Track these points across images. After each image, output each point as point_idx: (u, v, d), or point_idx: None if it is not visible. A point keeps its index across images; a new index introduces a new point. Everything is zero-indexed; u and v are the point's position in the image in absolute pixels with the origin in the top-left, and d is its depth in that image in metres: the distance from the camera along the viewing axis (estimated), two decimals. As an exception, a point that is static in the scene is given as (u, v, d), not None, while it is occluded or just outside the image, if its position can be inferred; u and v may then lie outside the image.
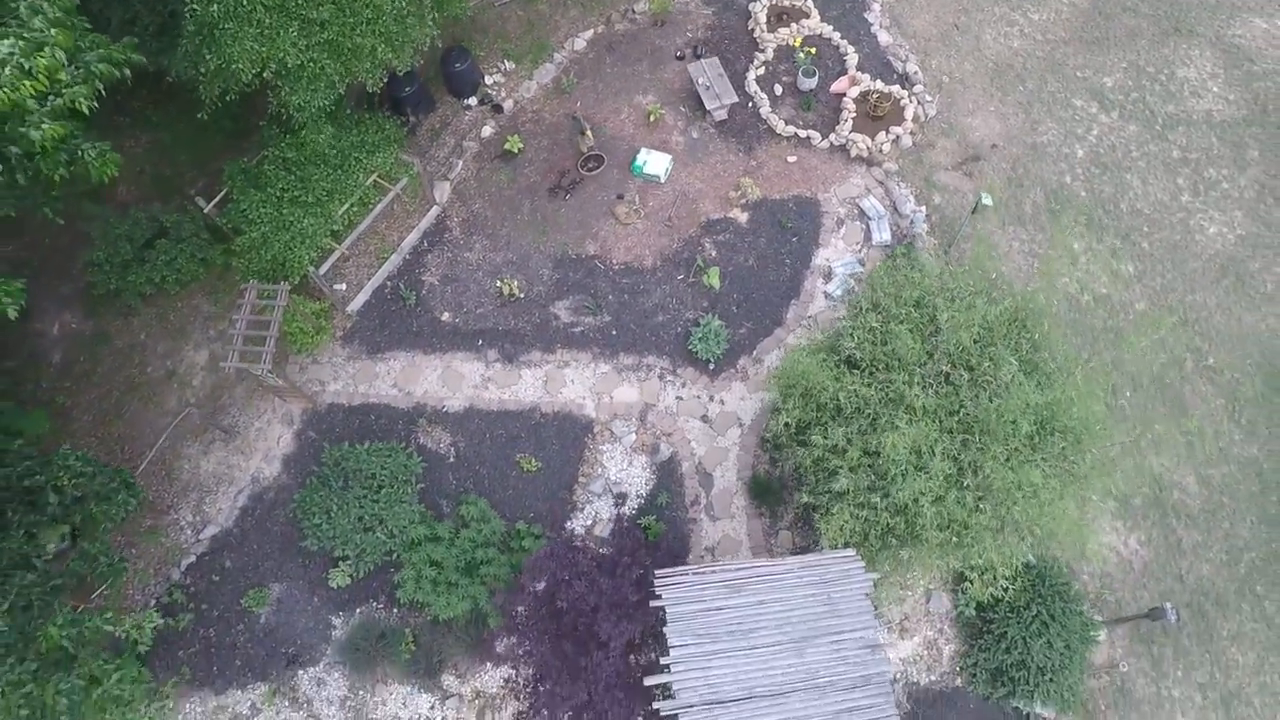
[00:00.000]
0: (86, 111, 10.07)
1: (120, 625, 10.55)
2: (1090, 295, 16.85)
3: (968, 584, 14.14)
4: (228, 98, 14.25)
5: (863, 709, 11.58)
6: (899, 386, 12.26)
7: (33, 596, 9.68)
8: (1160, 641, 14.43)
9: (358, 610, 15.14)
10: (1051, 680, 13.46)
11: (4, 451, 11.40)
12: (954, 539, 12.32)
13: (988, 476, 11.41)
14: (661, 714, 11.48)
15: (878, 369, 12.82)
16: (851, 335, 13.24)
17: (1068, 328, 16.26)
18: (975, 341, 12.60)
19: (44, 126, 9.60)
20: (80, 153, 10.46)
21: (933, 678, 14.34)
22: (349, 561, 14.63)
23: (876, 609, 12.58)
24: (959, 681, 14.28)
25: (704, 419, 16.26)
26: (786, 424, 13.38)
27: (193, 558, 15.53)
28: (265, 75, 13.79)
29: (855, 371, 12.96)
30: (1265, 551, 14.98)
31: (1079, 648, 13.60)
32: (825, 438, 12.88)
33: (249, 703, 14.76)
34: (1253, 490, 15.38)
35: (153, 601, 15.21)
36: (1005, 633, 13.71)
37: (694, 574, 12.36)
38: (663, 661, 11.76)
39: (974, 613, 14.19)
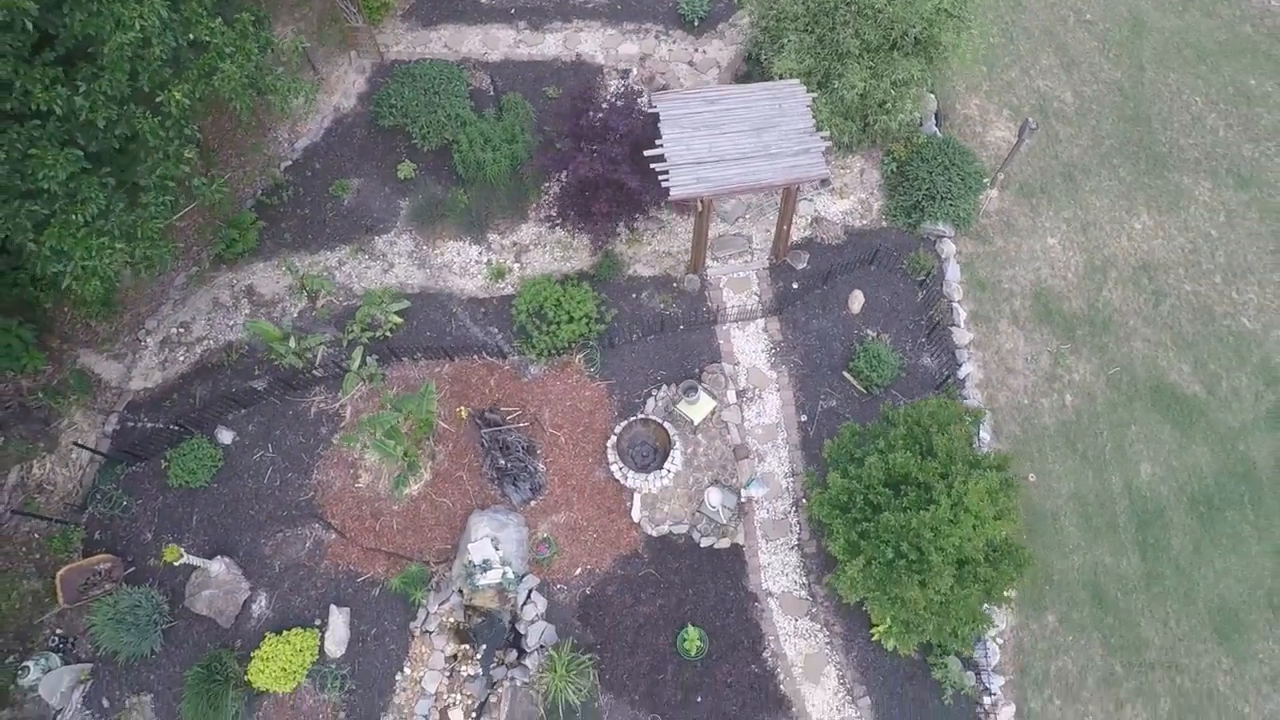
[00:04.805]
0: None
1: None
2: (995, -23, 21.28)
3: (893, 152, 18.59)
4: None
5: (803, 166, 15.94)
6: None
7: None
8: (1038, 196, 18.81)
9: (420, 195, 19.45)
10: (951, 205, 17.81)
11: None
12: (871, 67, 16.77)
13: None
14: (657, 169, 15.83)
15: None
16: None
17: None
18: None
19: None
20: None
21: (864, 223, 18.69)
22: (415, 139, 18.93)
23: (815, 127, 16.83)
24: (884, 223, 18.63)
25: (690, 64, 20.62)
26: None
27: (289, 162, 19.84)
28: None
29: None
30: (1120, 139, 19.38)
31: (973, 184, 17.94)
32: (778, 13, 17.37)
33: (336, 259, 19.04)
34: (1115, 100, 19.79)
35: (259, 191, 19.55)
36: (918, 175, 18.06)
37: (681, 92, 16.74)
38: (657, 143, 16.12)
39: (895, 169, 18.54)
